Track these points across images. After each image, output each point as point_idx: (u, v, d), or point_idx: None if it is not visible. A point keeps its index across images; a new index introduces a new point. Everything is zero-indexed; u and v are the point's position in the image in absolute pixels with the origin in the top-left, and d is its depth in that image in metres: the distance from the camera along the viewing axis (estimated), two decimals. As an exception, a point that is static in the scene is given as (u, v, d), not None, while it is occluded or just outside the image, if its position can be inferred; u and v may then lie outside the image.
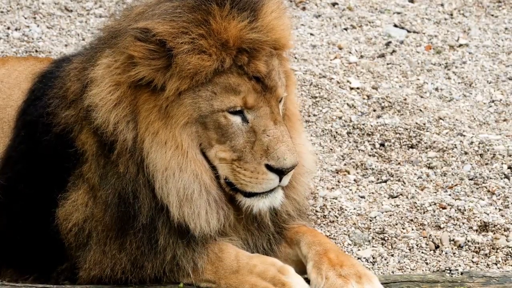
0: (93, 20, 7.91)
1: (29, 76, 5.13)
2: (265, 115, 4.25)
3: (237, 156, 4.26)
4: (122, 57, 4.27)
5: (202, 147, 4.31)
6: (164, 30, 4.16)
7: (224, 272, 4.37)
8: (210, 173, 4.32)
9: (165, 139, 4.24)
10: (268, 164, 4.22)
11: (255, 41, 4.23)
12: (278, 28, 4.32)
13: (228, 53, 4.20)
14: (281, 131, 4.23)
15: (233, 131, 4.26)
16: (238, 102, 4.22)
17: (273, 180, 4.26)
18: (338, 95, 6.76)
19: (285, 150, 4.20)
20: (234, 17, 4.20)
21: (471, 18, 8.20)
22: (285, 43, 4.40)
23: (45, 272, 4.62)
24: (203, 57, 4.16)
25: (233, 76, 4.22)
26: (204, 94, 4.22)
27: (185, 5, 4.22)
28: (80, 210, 4.47)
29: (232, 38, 4.19)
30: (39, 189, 4.59)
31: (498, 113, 6.74)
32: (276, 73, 4.30)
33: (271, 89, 4.27)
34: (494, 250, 5.19)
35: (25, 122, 4.79)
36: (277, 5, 4.37)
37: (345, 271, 4.32)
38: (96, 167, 4.41)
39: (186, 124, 4.25)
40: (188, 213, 4.29)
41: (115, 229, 4.41)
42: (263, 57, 4.26)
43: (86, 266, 4.47)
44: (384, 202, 5.67)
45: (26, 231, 4.65)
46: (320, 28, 7.96)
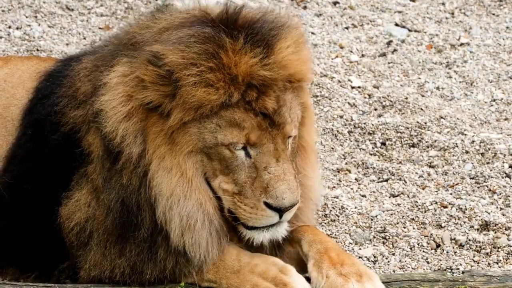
0: (94, 19, 7.91)
1: (33, 75, 5.13)
2: (268, 152, 4.20)
3: (238, 190, 4.24)
4: (134, 74, 4.26)
5: (206, 176, 4.29)
6: (173, 60, 4.13)
7: (225, 271, 4.37)
8: (214, 202, 4.30)
9: (171, 165, 4.22)
10: (267, 202, 4.19)
11: (266, 78, 4.17)
12: (294, 63, 4.25)
13: (236, 88, 4.15)
14: (283, 169, 4.19)
15: (236, 164, 4.23)
16: (241, 138, 4.18)
17: (272, 217, 4.23)
18: (339, 94, 6.77)
19: (285, 189, 4.16)
20: (246, 52, 4.15)
21: (472, 17, 8.20)
22: (301, 77, 4.33)
23: (46, 270, 4.63)
24: (209, 91, 4.12)
25: (239, 111, 4.17)
26: (209, 126, 4.19)
27: (200, 35, 4.18)
28: (83, 210, 4.48)
29: (241, 74, 4.14)
30: (44, 187, 4.59)
31: (499, 112, 6.74)
32: (287, 109, 4.23)
33: (278, 125, 4.21)
34: (495, 249, 5.19)
35: (32, 121, 4.79)
36: (295, 38, 4.31)
37: (346, 270, 4.31)
38: (101, 169, 4.40)
39: (191, 152, 4.23)
40: (189, 242, 4.29)
41: (116, 234, 4.41)
42: (273, 93, 4.20)
43: (86, 267, 4.48)
44: (385, 201, 5.67)
45: (29, 229, 4.65)
46: (321, 27, 7.96)
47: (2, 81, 5.32)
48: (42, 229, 4.60)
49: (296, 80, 4.30)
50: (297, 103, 4.32)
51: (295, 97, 4.31)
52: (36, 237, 4.63)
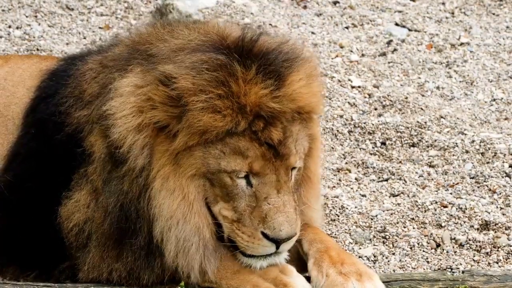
0: (94, 19, 7.91)
1: (34, 74, 5.12)
2: (270, 183, 4.19)
3: (237, 218, 4.23)
4: (146, 89, 4.25)
5: (207, 201, 4.28)
6: (184, 85, 4.13)
7: (225, 272, 4.36)
8: (212, 227, 4.30)
9: (174, 187, 4.22)
10: (264, 232, 4.18)
11: (275, 110, 4.16)
12: (304, 96, 4.24)
13: (244, 117, 4.14)
14: (283, 201, 4.18)
15: (236, 192, 4.22)
16: (244, 166, 4.17)
17: (269, 247, 4.22)
18: (339, 93, 6.77)
19: (283, 221, 4.15)
20: (257, 83, 4.14)
21: (472, 16, 8.20)
22: (311, 110, 4.32)
23: (46, 270, 4.63)
24: (215, 117, 4.12)
25: (244, 140, 4.16)
26: (214, 151, 4.18)
27: (213, 61, 4.17)
28: (82, 211, 4.48)
29: (250, 104, 4.13)
30: (46, 186, 4.59)
31: (499, 111, 6.74)
32: (293, 140, 4.22)
33: (282, 156, 4.20)
34: (495, 248, 5.19)
35: (35, 120, 4.79)
36: (308, 71, 4.30)
37: (346, 269, 4.32)
38: (101, 171, 4.40)
39: (194, 176, 4.23)
40: (182, 264, 4.29)
41: (113, 239, 4.41)
42: (280, 124, 4.19)
43: (85, 268, 4.48)
44: (385, 201, 5.67)
45: (29, 228, 4.65)
46: (322, 26, 7.96)
47: (3, 80, 5.32)
48: (43, 229, 4.60)
49: (305, 112, 4.30)
50: (304, 134, 4.32)
51: (303, 128, 4.31)
52: (36, 236, 4.63)
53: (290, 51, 4.34)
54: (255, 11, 7.86)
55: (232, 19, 7.59)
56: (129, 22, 7.87)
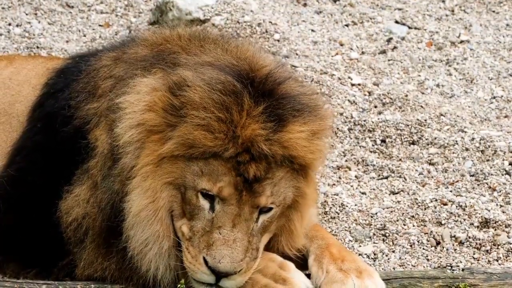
0: (94, 16, 7.91)
1: (40, 73, 5.16)
2: (230, 214, 4.19)
3: (190, 236, 4.24)
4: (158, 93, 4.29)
5: (173, 214, 4.30)
6: (190, 97, 4.17)
7: None
8: (171, 241, 4.30)
9: (148, 187, 4.26)
10: (205, 258, 4.18)
11: (263, 152, 4.17)
12: (299, 149, 4.23)
13: (234, 146, 4.16)
14: (235, 237, 4.16)
15: (197, 213, 4.23)
16: (213, 187, 4.18)
17: (208, 275, 4.19)
18: (339, 91, 6.77)
19: (225, 255, 4.14)
20: (258, 121, 4.17)
21: (472, 14, 8.20)
22: (305, 165, 4.31)
23: (46, 267, 4.63)
24: (206, 136, 4.15)
25: (225, 165, 4.17)
26: (194, 168, 4.21)
27: (229, 86, 4.20)
28: (81, 205, 4.49)
29: (243, 138, 4.15)
30: (49, 180, 4.60)
31: (499, 109, 6.74)
32: (271, 183, 4.22)
33: (253, 193, 4.20)
34: (495, 246, 5.20)
35: (43, 114, 4.80)
36: (315, 127, 4.30)
37: (346, 266, 4.33)
38: (102, 166, 4.42)
39: (170, 184, 4.25)
40: (145, 268, 4.31)
41: (103, 236, 4.44)
42: (265, 163, 4.19)
43: (81, 265, 4.50)
44: (385, 199, 5.67)
45: (31, 223, 4.66)
46: (321, 24, 7.96)
47: (7, 79, 5.34)
48: (44, 225, 4.61)
49: (298, 164, 4.28)
50: (290, 184, 4.31)
51: (290, 177, 4.30)
52: (37, 233, 4.64)
53: (308, 102, 4.34)
54: (255, 8, 7.85)
55: (232, 17, 7.58)
56: (129, 19, 7.87)
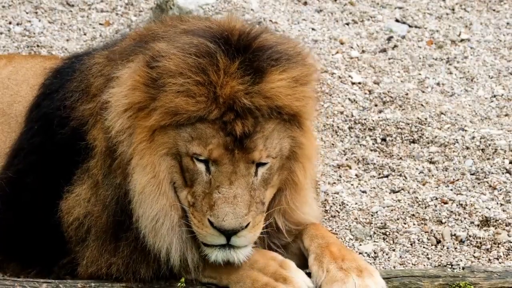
0: (94, 15, 7.91)
1: (38, 72, 5.15)
2: (225, 173, 4.18)
3: (193, 202, 4.25)
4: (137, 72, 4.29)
5: (175, 185, 4.31)
6: (166, 66, 4.18)
7: (224, 267, 4.37)
8: (179, 212, 4.31)
9: (147, 163, 4.26)
10: (209, 220, 4.18)
11: (245, 106, 4.16)
12: (284, 97, 4.22)
13: (217, 107, 4.17)
14: (234, 193, 4.17)
15: (196, 177, 4.23)
16: (204, 152, 4.19)
17: (217, 236, 4.21)
18: (340, 90, 6.76)
19: (228, 212, 4.14)
20: (236, 77, 4.16)
21: (473, 13, 8.20)
22: (294, 113, 4.29)
23: (47, 266, 4.63)
24: (188, 101, 4.15)
25: (212, 128, 4.18)
26: (183, 134, 4.22)
27: (203, 48, 4.20)
28: (82, 205, 4.49)
29: (223, 97, 4.15)
30: (48, 181, 4.61)
31: (500, 108, 6.74)
32: (262, 136, 4.21)
33: (246, 150, 4.19)
34: (496, 245, 5.19)
35: (40, 115, 4.80)
36: (297, 74, 4.28)
37: (346, 265, 4.32)
38: (102, 165, 4.43)
39: (166, 155, 4.26)
40: (158, 245, 4.31)
41: (110, 232, 4.44)
42: (251, 118, 4.19)
43: (84, 263, 4.49)
44: (385, 197, 5.67)
45: (31, 224, 4.66)
46: (322, 23, 7.96)
47: (6, 79, 5.34)
48: (44, 225, 4.61)
49: (287, 114, 4.27)
50: (285, 135, 4.30)
51: (282, 128, 4.29)
52: (37, 232, 4.64)
53: (286, 51, 4.32)
54: (255, 7, 7.85)
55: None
56: (129, 18, 7.87)
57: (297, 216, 4.49)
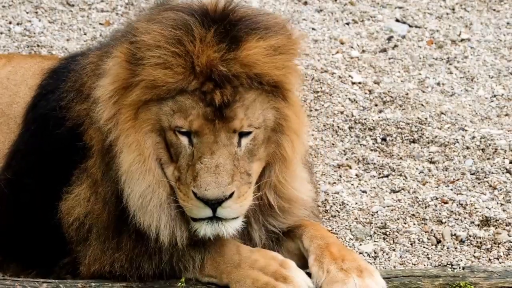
0: (94, 15, 7.91)
1: (36, 73, 5.15)
2: (207, 143, 4.18)
3: (179, 176, 4.25)
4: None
5: (162, 162, 4.30)
6: (144, 40, 4.19)
7: (225, 266, 4.37)
8: (167, 189, 4.30)
9: (132, 141, 4.27)
10: (193, 191, 4.17)
11: (222, 73, 4.16)
12: (261, 65, 4.20)
13: (196, 77, 4.16)
14: (216, 163, 4.15)
15: (180, 151, 4.23)
16: (185, 124, 4.18)
17: (202, 208, 4.19)
18: (340, 89, 6.77)
19: (210, 181, 4.12)
20: (212, 45, 4.15)
21: (473, 12, 8.20)
22: (275, 82, 4.26)
23: (47, 266, 4.64)
24: (166, 73, 4.15)
25: (191, 99, 4.17)
26: (165, 108, 4.22)
27: (179, 20, 4.21)
28: (82, 205, 4.49)
29: (200, 66, 4.15)
30: (46, 182, 4.61)
31: (500, 107, 6.74)
32: (242, 106, 4.20)
33: (226, 119, 4.18)
34: (496, 245, 5.20)
35: (36, 116, 4.80)
36: (275, 42, 4.24)
37: (347, 265, 4.32)
38: (100, 163, 4.43)
39: (151, 132, 4.26)
40: (147, 222, 4.30)
41: (112, 228, 4.43)
42: (231, 88, 4.17)
43: (86, 262, 4.49)
44: (385, 197, 5.68)
45: (30, 225, 4.66)
46: (322, 22, 7.96)
47: (5, 79, 5.33)
48: (44, 225, 4.61)
49: (268, 84, 4.25)
50: (267, 106, 4.28)
51: (266, 99, 4.27)
52: (37, 233, 4.64)
53: (264, 21, 4.30)
54: (255, 7, 7.85)
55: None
56: (129, 18, 7.86)
57: (287, 191, 4.46)
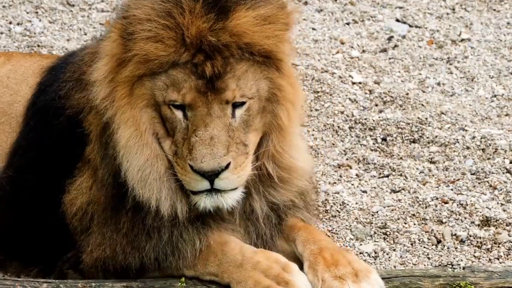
0: (95, 15, 7.91)
1: (36, 71, 5.16)
2: (200, 116, 4.19)
3: (175, 151, 4.27)
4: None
5: (159, 136, 4.33)
6: (135, 15, 4.21)
7: (227, 265, 4.37)
8: (165, 163, 4.32)
9: (128, 117, 4.29)
10: (190, 164, 4.19)
11: (212, 43, 4.17)
12: (251, 34, 4.21)
13: (187, 49, 4.18)
14: (211, 135, 4.17)
15: (176, 125, 4.26)
16: (179, 97, 4.21)
17: (199, 181, 4.21)
18: (340, 89, 6.77)
19: (206, 153, 4.14)
20: (201, 16, 4.16)
21: (473, 12, 8.20)
22: (266, 52, 4.28)
23: (50, 263, 4.63)
24: (157, 46, 4.17)
25: (183, 72, 4.20)
26: (159, 83, 4.24)
27: None
28: (85, 193, 4.50)
29: (190, 37, 4.17)
30: (47, 177, 4.61)
31: (500, 107, 6.74)
32: (233, 76, 4.21)
33: (218, 90, 4.19)
34: (496, 244, 5.20)
35: (35, 111, 4.82)
36: (264, 11, 4.25)
37: (341, 271, 4.30)
38: (99, 147, 4.45)
39: (146, 107, 4.28)
40: (147, 195, 4.31)
41: (110, 209, 4.44)
42: (221, 59, 4.19)
43: (88, 250, 4.49)
44: (386, 197, 5.67)
45: (32, 222, 4.66)
46: (322, 22, 7.96)
47: (5, 78, 5.34)
48: (46, 220, 4.61)
49: (259, 53, 4.26)
50: (260, 76, 4.29)
51: (258, 70, 4.28)
52: (40, 229, 4.64)
53: None
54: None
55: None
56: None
57: (285, 160, 4.47)
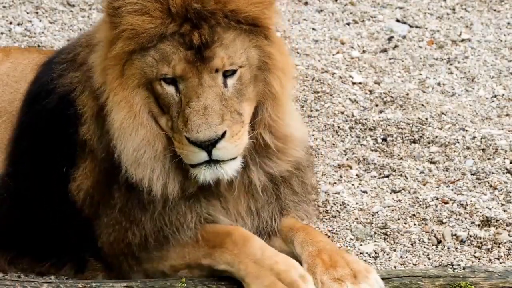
0: (95, 15, 7.91)
1: (34, 68, 5.17)
2: (192, 87, 4.19)
3: (172, 125, 4.27)
4: None
5: (154, 114, 4.32)
6: None
7: (245, 257, 4.33)
8: (163, 141, 4.32)
9: (120, 99, 4.29)
10: (186, 136, 4.19)
11: (197, 11, 4.17)
12: (237, 0, 4.21)
13: (173, 20, 4.18)
14: (204, 105, 4.16)
15: (169, 101, 4.25)
16: (169, 71, 4.20)
17: (197, 152, 4.21)
18: (341, 90, 6.76)
19: (201, 123, 4.13)
20: None
21: (474, 13, 8.20)
22: (253, 21, 4.29)
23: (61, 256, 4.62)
24: (144, 19, 4.17)
25: (171, 44, 4.19)
26: (148, 59, 4.23)
27: None
28: (90, 176, 4.50)
29: (175, 6, 4.17)
30: (44, 162, 4.61)
31: (501, 108, 6.74)
32: (221, 45, 4.21)
33: (206, 59, 4.19)
34: (496, 245, 5.19)
35: (28, 98, 4.81)
36: None
37: (339, 273, 4.29)
38: (96, 128, 4.44)
39: (138, 87, 4.28)
40: (140, 175, 4.31)
41: (105, 184, 4.45)
42: (207, 28, 4.19)
43: (98, 233, 4.50)
44: (386, 197, 5.67)
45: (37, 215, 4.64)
46: (323, 23, 7.96)
47: (5, 76, 5.34)
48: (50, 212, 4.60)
49: (245, 21, 4.26)
50: (248, 45, 4.28)
51: (246, 38, 4.28)
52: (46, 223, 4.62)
53: None
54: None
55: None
56: None
57: (281, 128, 4.47)
